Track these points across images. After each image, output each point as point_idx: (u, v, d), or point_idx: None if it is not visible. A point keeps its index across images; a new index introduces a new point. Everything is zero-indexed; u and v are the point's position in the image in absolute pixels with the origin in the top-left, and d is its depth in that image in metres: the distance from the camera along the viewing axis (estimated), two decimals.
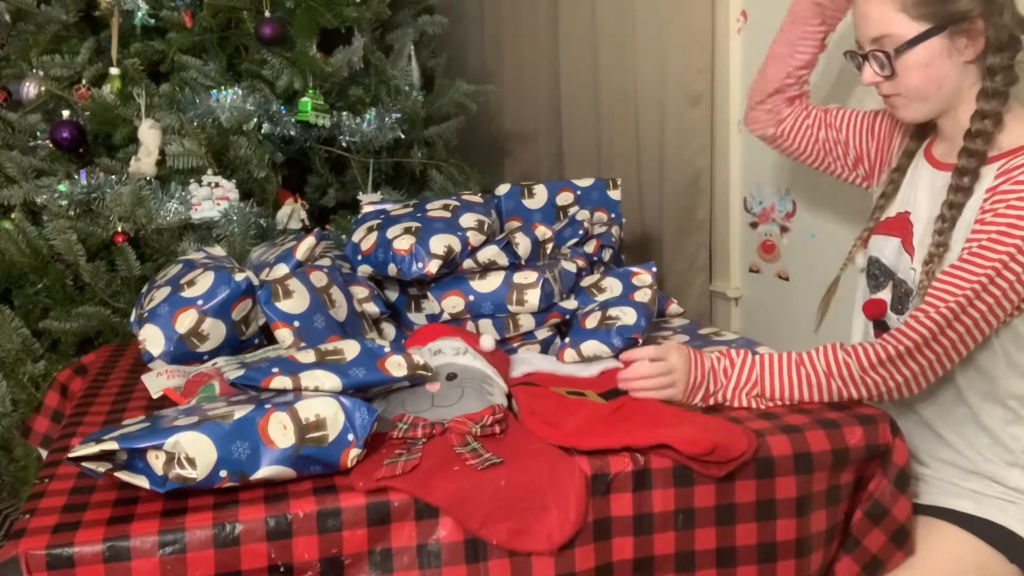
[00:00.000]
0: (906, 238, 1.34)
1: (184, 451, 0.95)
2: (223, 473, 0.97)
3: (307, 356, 1.14)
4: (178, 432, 0.96)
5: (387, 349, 1.17)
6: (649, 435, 1.08)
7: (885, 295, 1.37)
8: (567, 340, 1.40)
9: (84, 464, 0.96)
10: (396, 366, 1.15)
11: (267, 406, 1.02)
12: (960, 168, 1.25)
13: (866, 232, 1.43)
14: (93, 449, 0.94)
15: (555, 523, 1.02)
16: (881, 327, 1.39)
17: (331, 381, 1.09)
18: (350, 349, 1.16)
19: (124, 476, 0.96)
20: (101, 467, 0.96)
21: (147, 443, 0.95)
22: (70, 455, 0.96)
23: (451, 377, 1.24)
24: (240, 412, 1.00)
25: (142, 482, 0.96)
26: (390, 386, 1.19)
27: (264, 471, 0.99)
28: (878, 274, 1.39)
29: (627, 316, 1.37)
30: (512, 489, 1.02)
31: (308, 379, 1.09)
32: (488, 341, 1.39)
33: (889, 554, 1.18)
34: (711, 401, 1.23)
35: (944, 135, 1.35)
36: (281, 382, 1.08)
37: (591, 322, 1.39)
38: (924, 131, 1.40)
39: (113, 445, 0.94)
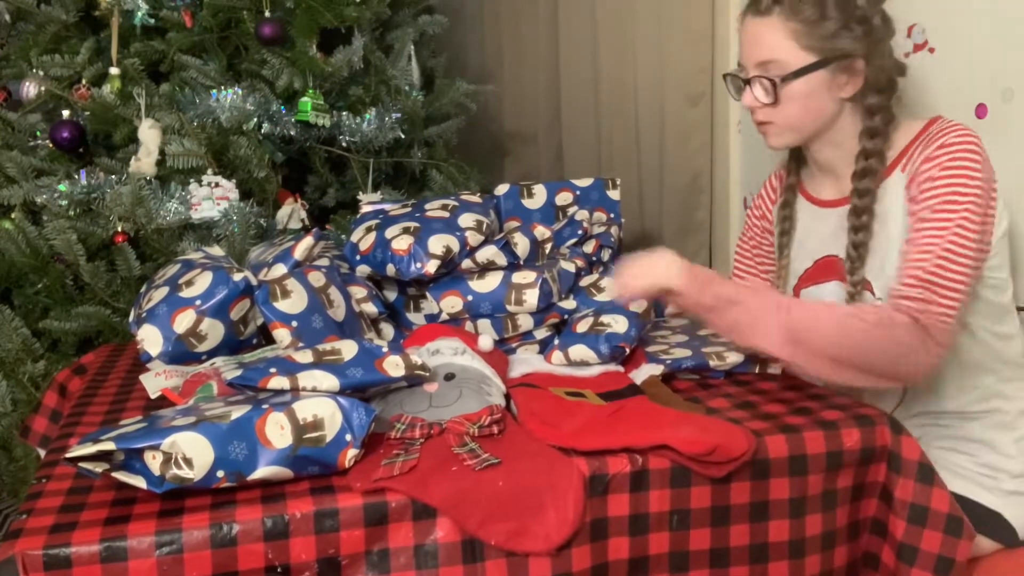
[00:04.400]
0: (843, 277, 1.38)
1: (181, 451, 0.95)
2: (220, 473, 0.97)
3: (305, 356, 1.14)
4: (175, 432, 0.96)
5: (385, 349, 1.17)
6: (649, 436, 1.08)
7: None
8: (556, 342, 1.41)
9: (81, 464, 0.96)
10: (394, 366, 1.15)
11: (264, 406, 1.02)
12: (855, 207, 1.32)
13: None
14: (90, 449, 0.94)
15: (553, 524, 1.02)
16: None
17: (329, 381, 1.09)
18: (348, 349, 1.16)
19: (121, 476, 0.96)
20: (98, 467, 0.96)
21: (144, 443, 0.95)
22: (67, 455, 0.96)
23: (449, 377, 1.24)
24: (237, 412, 1.00)
25: (139, 482, 0.96)
26: (388, 386, 1.19)
27: (261, 471, 0.99)
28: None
29: (618, 324, 1.37)
30: (510, 490, 1.02)
31: (306, 379, 1.09)
32: (486, 341, 1.39)
33: (953, 548, 1.14)
34: (726, 317, 1.21)
35: (824, 169, 1.42)
36: (279, 382, 1.08)
37: (582, 327, 1.39)
38: (793, 180, 1.48)
39: (110, 445, 0.94)
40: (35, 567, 0.89)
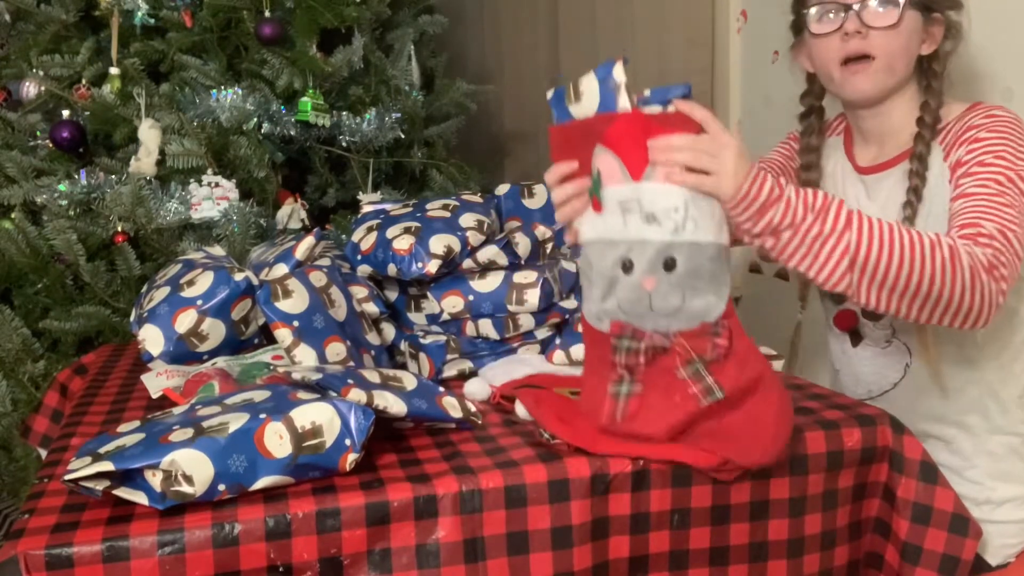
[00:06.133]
0: None
1: (180, 469, 0.94)
2: (221, 487, 0.96)
3: (372, 376, 1.14)
4: (173, 450, 0.95)
5: (441, 388, 1.17)
6: (663, 451, 1.06)
7: (852, 304, 1.37)
8: (557, 342, 1.40)
9: (81, 483, 0.95)
10: (451, 407, 1.15)
11: (262, 415, 1.01)
12: (918, 154, 1.26)
13: None
14: (89, 470, 0.93)
15: (757, 448, 1.00)
16: (856, 336, 1.40)
17: (399, 406, 1.08)
18: (408, 380, 1.16)
19: (122, 493, 0.95)
20: (99, 485, 0.95)
21: (142, 463, 0.94)
22: (65, 478, 0.95)
23: (670, 266, 1.00)
24: (235, 423, 0.99)
25: (141, 499, 0.95)
26: (589, 274, 1.07)
27: (262, 482, 0.98)
28: None
29: None
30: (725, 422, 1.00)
31: (379, 398, 1.07)
32: (479, 388, 1.33)
33: (959, 547, 1.13)
34: (768, 239, 1.04)
35: (868, 138, 1.37)
36: (356, 395, 1.06)
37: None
38: (815, 142, 1.42)
39: (108, 466, 0.93)
40: (37, 567, 0.89)
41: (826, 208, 1.05)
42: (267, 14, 1.97)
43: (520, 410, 1.18)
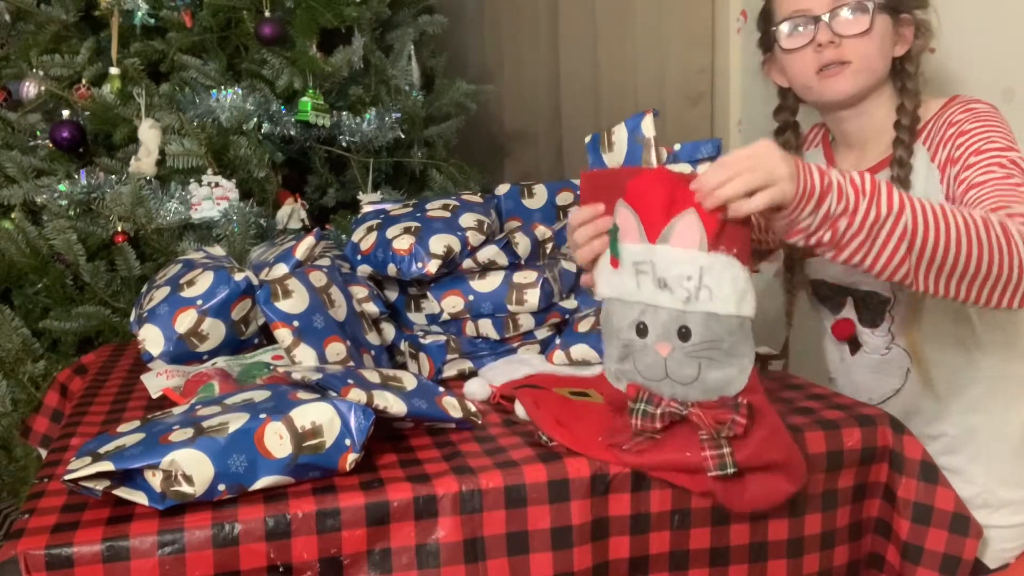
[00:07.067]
0: None
1: (180, 469, 0.95)
2: (221, 487, 0.96)
3: (372, 376, 1.14)
4: (173, 449, 0.95)
5: (441, 388, 1.17)
6: (659, 465, 1.06)
7: (848, 312, 1.36)
8: (557, 341, 1.40)
9: (81, 483, 0.95)
10: (451, 407, 1.15)
11: (262, 415, 1.01)
12: (898, 159, 1.26)
13: (791, 263, 1.43)
14: (89, 470, 0.93)
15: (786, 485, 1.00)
16: (854, 345, 1.39)
17: (398, 406, 1.08)
18: (408, 380, 1.16)
19: (122, 493, 0.95)
20: (99, 485, 0.95)
21: (142, 463, 0.94)
22: (65, 478, 0.95)
23: (684, 335, 0.96)
24: (235, 423, 0.99)
25: (140, 498, 0.95)
26: (617, 336, 1.04)
27: (262, 482, 0.98)
28: (830, 295, 1.38)
29: None
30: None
31: (379, 398, 1.07)
32: (479, 388, 1.32)
33: (959, 546, 1.13)
34: (826, 233, 0.98)
35: (851, 141, 1.36)
36: (356, 395, 1.06)
37: (584, 325, 1.39)
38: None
39: (108, 466, 0.93)
40: (37, 567, 0.89)
41: (876, 190, 0.99)
42: (267, 14, 1.97)
43: (519, 410, 1.18)
